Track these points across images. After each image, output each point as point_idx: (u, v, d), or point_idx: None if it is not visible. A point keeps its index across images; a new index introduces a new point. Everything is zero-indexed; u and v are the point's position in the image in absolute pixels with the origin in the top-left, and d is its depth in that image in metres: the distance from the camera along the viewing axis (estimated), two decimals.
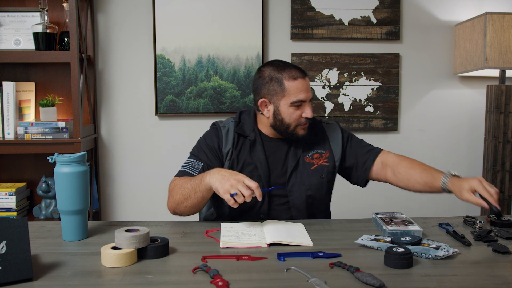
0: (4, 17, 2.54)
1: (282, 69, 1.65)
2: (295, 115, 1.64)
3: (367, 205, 2.72)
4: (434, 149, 2.87)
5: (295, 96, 1.62)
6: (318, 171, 1.70)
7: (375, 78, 2.78)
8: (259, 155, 1.69)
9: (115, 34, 2.71)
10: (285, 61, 1.70)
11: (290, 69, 1.64)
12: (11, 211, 2.48)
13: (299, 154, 1.70)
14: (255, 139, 1.70)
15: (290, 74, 1.63)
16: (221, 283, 1.07)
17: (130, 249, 1.21)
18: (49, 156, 1.40)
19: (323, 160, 1.73)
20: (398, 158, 1.72)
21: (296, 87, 1.62)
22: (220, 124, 1.75)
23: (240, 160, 1.69)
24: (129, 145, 2.78)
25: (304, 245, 1.34)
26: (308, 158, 1.71)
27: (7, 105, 2.42)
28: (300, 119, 1.65)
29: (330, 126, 1.80)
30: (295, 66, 1.67)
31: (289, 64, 1.68)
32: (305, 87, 1.63)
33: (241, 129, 1.72)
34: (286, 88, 1.62)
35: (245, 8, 2.69)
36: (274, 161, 1.70)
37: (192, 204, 1.55)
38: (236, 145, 1.70)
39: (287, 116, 1.64)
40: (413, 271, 1.16)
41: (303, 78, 1.64)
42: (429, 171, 1.61)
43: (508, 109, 2.53)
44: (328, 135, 1.77)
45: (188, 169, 1.66)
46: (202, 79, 2.72)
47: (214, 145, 1.71)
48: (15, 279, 1.09)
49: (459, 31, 2.71)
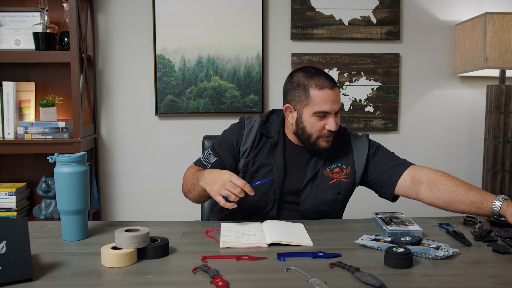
0: (4, 17, 2.54)
1: (311, 76, 1.58)
2: (318, 125, 1.58)
3: (367, 205, 2.72)
4: (434, 149, 2.88)
5: (319, 106, 1.55)
6: (335, 187, 1.65)
7: (375, 78, 2.78)
8: (278, 158, 1.65)
9: (115, 34, 2.71)
10: (319, 70, 1.62)
11: (319, 78, 1.57)
12: (11, 211, 2.48)
13: (319, 166, 1.65)
14: (277, 141, 1.66)
15: (317, 83, 1.56)
16: (221, 283, 1.07)
17: (130, 249, 1.21)
18: (49, 156, 1.40)
19: (343, 176, 1.66)
20: (435, 174, 1.57)
21: (321, 97, 1.55)
22: (246, 121, 1.71)
23: (256, 161, 1.66)
24: (129, 145, 2.78)
25: (304, 245, 1.34)
26: (328, 172, 1.65)
27: (7, 105, 2.42)
28: (323, 130, 1.58)
29: (357, 140, 1.70)
30: (326, 76, 1.59)
31: (321, 72, 1.60)
32: (331, 98, 1.55)
33: (266, 129, 1.69)
34: (311, 97, 1.56)
35: (245, 8, 2.69)
36: (292, 168, 1.66)
37: (193, 198, 1.63)
38: (256, 145, 1.67)
39: (309, 125, 1.58)
40: (413, 271, 1.16)
41: (331, 89, 1.56)
42: (476, 191, 1.48)
43: (508, 109, 2.53)
44: (353, 149, 1.68)
45: (204, 160, 1.71)
46: (202, 79, 2.72)
47: (233, 141, 1.69)
48: (15, 279, 1.09)
49: (459, 31, 2.71)
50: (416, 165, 1.65)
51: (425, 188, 1.58)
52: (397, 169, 1.64)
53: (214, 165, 1.67)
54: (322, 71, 1.62)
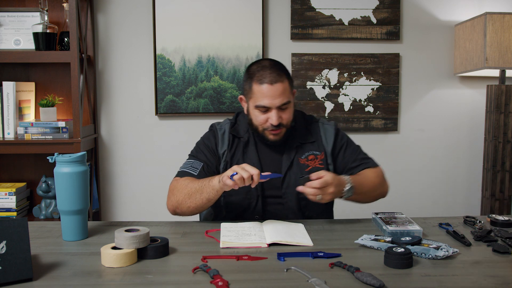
0: (4, 17, 2.54)
1: (258, 70, 1.63)
2: (260, 118, 1.63)
3: (367, 205, 2.72)
4: (434, 149, 2.88)
5: (259, 100, 1.61)
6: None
7: (375, 78, 2.78)
8: (252, 156, 1.69)
9: (115, 34, 2.71)
10: (271, 63, 1.66)
11: (263, 72, 1.61)
12: (11, 211, 2.48)
13: (292, 156, 1.69)
14: (248, 140, 1.71)
15: (259, 77, 1.61)
16: (221, 283, 1.07)
17: (130, 249, 1.21)
18: (49, 156, 1.40)
19: (318, 162, 1.71)
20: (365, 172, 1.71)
21: (260, 91, 1.60)
22: (217, 126, 1.77)
23: (233, 162, 1.69)
24: (129, 145, 2.78)
25: (304, 245, 1.34)
26: (303, 159, 1.70)
27: (7, 105, 2.42)
28: (266, 123, 1.63)
29: (326, 128, 1.77)
30: (272, 70, 1.62)
31: (269, 66, 1.63)
32: (270, 93, 1.59)
33: (236, 130, 1.74)
34: (253, 90, 1.63)
35: (245, 8, 2.69)
36: (267, 162, 1.70)
37: (197, 205, 1.56)
38: (231, 147, 1.71)
39: (254, 118, 1.66)
40: (413, 271, 1.16)
41: (271, 84, 1.59)
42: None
43: (508, 109, 2.52)
44: (322, 136, 1.75)
45: (188, 169, 1.67)
46: (202, 79, 2.72)
47: (212, 145, 1.72)
48: (15, 279, 1.09)
49: (459, 31, 2.71)
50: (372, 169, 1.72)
51: None
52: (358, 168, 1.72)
53: (201, 170, 1.66)
54: (272, 64, 1.65)
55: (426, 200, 2.89)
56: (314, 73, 2.76)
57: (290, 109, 1.66)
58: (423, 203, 2.88)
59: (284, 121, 1.64)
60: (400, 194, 2.88)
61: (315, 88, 2.77)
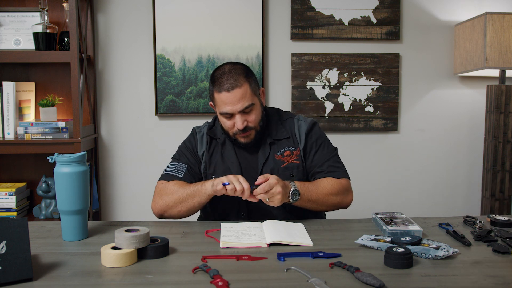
0: (4, 17, 2.54)
1: (217, 78, 1.63)
2: (228, 124, 1.65)
3: (367, 205, 2.72)
4: (434, 149, 2.88)
5: (221, 108, 1.63)
6: (288, 169, 1.70)
7: (375, 78, 2.78)
8: (230, 156, 1.71)
9: (115, 34, 2.71)
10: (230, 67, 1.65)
11: (221, 80, 1.62)
12: (11, 211, 2.48)
13: (267, 152, 1.70)
14: (224, 140, 1.73)
15: (217, 86, 1.62)
16: (221, 283, 1.07)
17: (130, 249, 1.21)
18: (49, 156, 1.40)
19: (293, 158, 1.71)
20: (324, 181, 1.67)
21: (221, 99, 1.62)
22: (197, 129, 1.80)
23: (212, 162, 1.72)
24: (129, 145, 2.78)
25: (304, 245, 1.34)
26: (279, 156, 1.71)
27: (7, 105, 2.42)
28: (234, 128, 1.65)
29: (300, 124, 1.76)
30: (229, 76, 1.61)
31: (228, 72, 1.63)
32: (229, 100, 1.60)
33: (213, 132, 1.76)
34: (215, 98, 1.65)
35: (245, 8, 2.69)
36: (245, 161, 1.71)
37: (188, 209, 1.60)
38: (209, 148, 1.74)
39: (222, 123, 1.68)
40: (413, 271, 1.16)
41: (228, 91, 1.59)
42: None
43: (508, 109, 2.52)
44: (296, 132, 1.74)
45: (174, 172, 1.69)
46: (202, 79, 2.72)
47: (192, 147, 1.76)
48: (15, 279, 1.09)
49: (459, 31, 2.71)
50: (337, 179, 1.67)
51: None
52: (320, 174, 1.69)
53: (186, 172, 1.69)
54: (231, 69, 1.64)
55: (426, 200, 2.89)
56: (314, 73, 2.76)
57: (255, 110, 1.65)
58: (423, 203, 2.88)
59: (251, 124, 1.64)
60: (400, 194, 2.88)
61: (315, 88, 2.77)
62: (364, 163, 2.84)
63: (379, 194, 2.87)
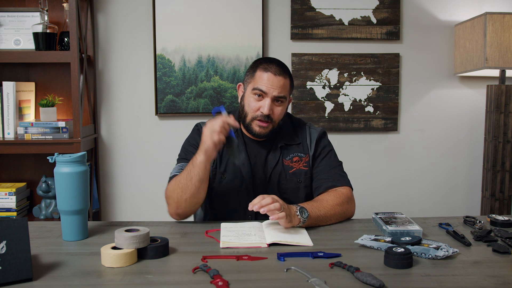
0: (4, 17, 2.54)
1: (265, 61, 1.68)
2: (253, 105, 1.64)
3: (367, 205, 2.72)
4: (434, 149, 2.88)
5: (258, 84, 1.63)
6: (296, 175, 1.70)
7: (375, 78, 2.78)
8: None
9: (115, 34, 2.71)
10: (278, 61, 1.69)
11: (270, 63, 1.66)
12: (11, 211, 2.48)
13: (277, 156, 1.70)
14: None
15: (265, 66, 1.65)
16: (221, 283, 1.07)
17: (130, 249, 1.21)
18: (49, 156, 1.40)
19: (302, 164, 1.72)
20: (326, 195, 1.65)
21: (261, 77, 1.64)
22: (202, 125, 1.76)
23: (223, 160, 1.70)
24: (129, 145, 2.78)
25: (304, 245, 1.34)
26: (288, 161, 1.71)
27: (7, 105, 2.42)
28: (257, 111, 1.64)
29: (311, 131, 1.78)
30: (279, 64, 1.67)
31: (277, 62, 1.68)
32: (271, 82, 1.62)
33: None
34: (255, 75, 1.66)
35: (245, 8, 2.69)
36: (255, 162, 1.71)
37: (192, 193, 1.52)
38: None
39: (247, 103, 1.67)
40: (413, 271, 1.16)
41: (274, 74, 1.63)
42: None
43: (508, 109, 2.53)
44: (307, 139, 1.76)
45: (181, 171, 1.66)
46: (202, 79, 2.72)
47: (197, 144, 1.68)
48: (15, 279, 1.09)
49: (459, 31, 2.71)
50: (343, 188, 1.66)
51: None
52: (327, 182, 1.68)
53: None
54: (280, 62, 1.69)
55: (426, 200, 2.89)
56: (314, 73, 2.76)
57: (283, 107, 1.67)
58: (423, 203, 2.88)
59: (274, 116, 1.65)
60: (400, 194, 2.88)
61: (315, 88, 2.77)
62: (364, 163, 2.84)
63: (379, 194, 2.87)
